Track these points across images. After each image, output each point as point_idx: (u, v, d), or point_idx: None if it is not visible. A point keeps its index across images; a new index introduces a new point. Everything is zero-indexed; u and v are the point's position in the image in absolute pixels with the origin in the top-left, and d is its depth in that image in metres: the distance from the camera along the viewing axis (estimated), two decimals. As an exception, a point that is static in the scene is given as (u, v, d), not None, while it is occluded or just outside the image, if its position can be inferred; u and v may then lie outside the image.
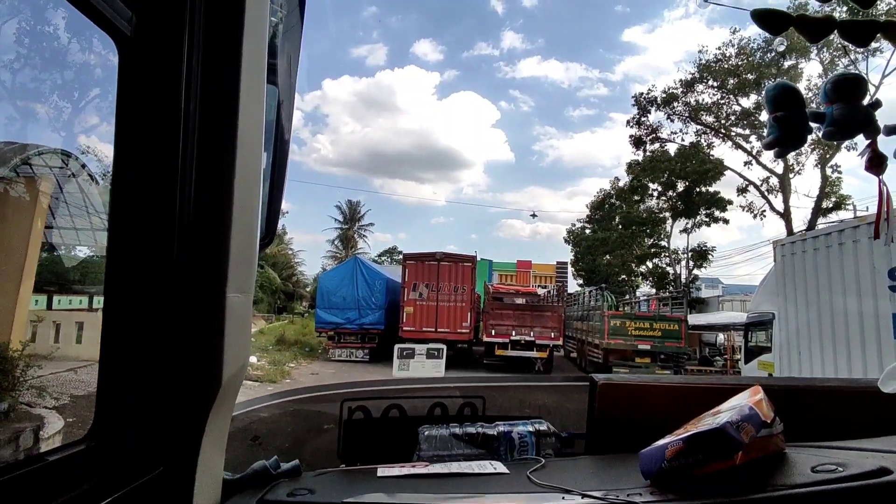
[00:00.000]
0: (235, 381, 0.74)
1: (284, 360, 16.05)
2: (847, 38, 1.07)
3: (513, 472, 0.94)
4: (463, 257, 17.36)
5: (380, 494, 0.82)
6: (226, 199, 0.69)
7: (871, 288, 6.81)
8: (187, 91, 0.67)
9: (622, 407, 1.12)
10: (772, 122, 1.11)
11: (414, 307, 16.39)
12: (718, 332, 21.28)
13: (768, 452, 0.83)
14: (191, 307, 0.67)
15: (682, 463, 0.78)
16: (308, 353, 18.75)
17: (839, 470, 0.75)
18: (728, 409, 0.85)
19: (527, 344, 15.86)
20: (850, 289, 7.26)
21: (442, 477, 0.91)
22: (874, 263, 6.77)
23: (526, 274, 39.07)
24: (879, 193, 1.12)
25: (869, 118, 1.10)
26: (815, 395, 1.16)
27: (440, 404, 1.19)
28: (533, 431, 1.09)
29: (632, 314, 17.50)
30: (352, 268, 18.11)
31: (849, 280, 7.30)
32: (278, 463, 0.89)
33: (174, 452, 0.68)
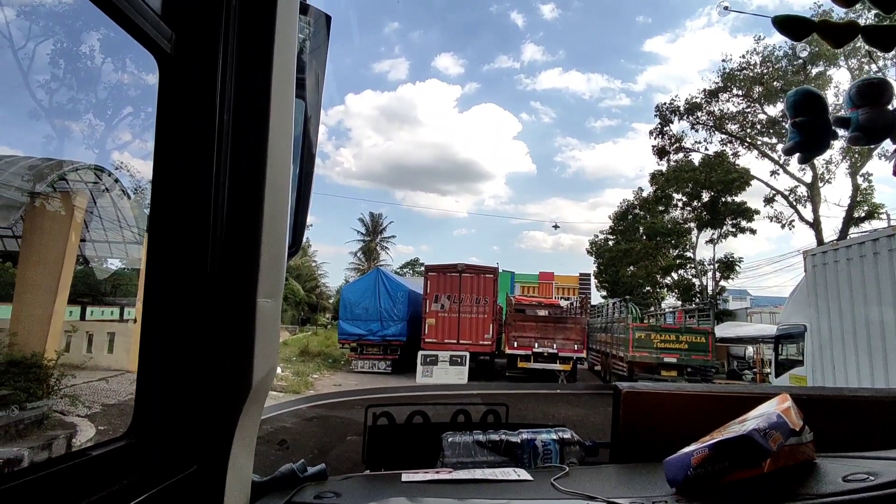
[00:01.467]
0: (265, 385, 0.77)
1: (308, 371, 16.19)
2: (871, 44, 1.06)
3: (536, 479, 0.94)
4: (485, 269, 17.32)
5: (404, 499, 0.83)
6: (256, 208, 0.72)
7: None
8: (221, 106, 0.71)
9: (647, 415, 1.11)
10: (792, 128, 1.10)
11: (436, 318, 16.38)
12: (747, 344, 20.72)
13: (798, 461, 0.82)
14: (223, 312, 0.70)
15: (708, 470, 0.77)
16: (331, 365, 18.87)
17: (871, 479, 0.73)
18: (755, 416, 0.84)
19: (550, 356, 15.68)
20: (885, 299, 7.02)
21: (466, 483, 0.92)
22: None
23: (548, 286, 38.74)
24: (909, 199, 1.10)
25: (895, 123, 1.08)
26: (845, 404, 1.13)
27: (463, 411, 1.20)
28: (557, 439, 1.09)
29: (657, 326, 17.18)
30: (374, 279, 18.24)
31: (884, 290, 7.05)
32: (305, 467, 0.91)
33: (206, 452, 0.70)
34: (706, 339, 15.33)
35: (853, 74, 20.74)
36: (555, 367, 15.60)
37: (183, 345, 0.69)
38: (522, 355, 15.82)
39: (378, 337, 17.21)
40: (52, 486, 0.52)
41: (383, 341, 17.21)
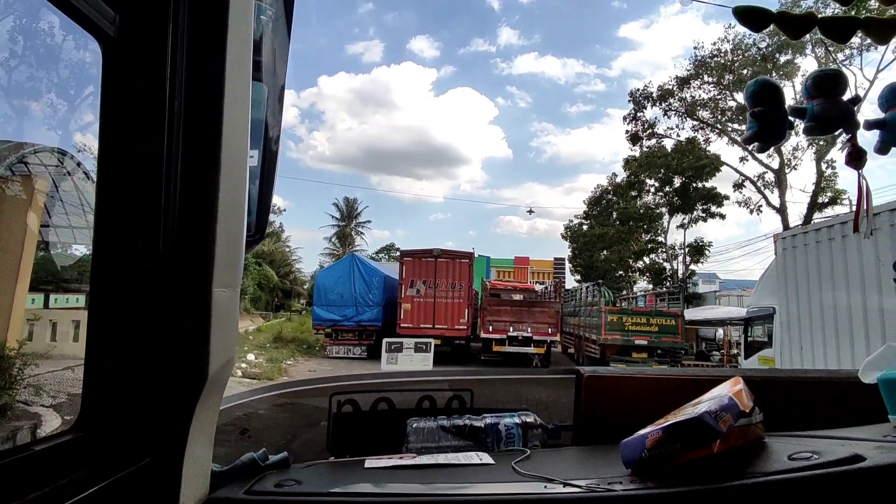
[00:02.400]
0: (222, 375, 0.76)
1: (282, 357, 16.09)
2: (827, 35, 1.08)
3: (498, 462, 0.96)
4: (460, 254, 17.39)
5: (366, 485, 0.84)
6: (211, 195, 0.70)
7: (875, 280, 6.67)
8: (171, 90, 0.68)
9: (607, 399, 1.13)
10: (751, 118, 1.13)
11: (411, 304, 16.42)
12: (715, 326, 21.34)
13: (747, 441, 0.85)
14: (176, 302, 0.69)
15: (661, 452, 0.80)
16: (305, 351, 18.78)
17: (815, 457, 0.77)
18: (708, 399, 0.87)
19: (524, 340, 15.90)
20: (853, 282, 7.07)
21: (428, 468, 0.93)
22: (879, 255, 6.60)
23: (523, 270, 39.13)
24: (859, 187, 1.14)
25: (849, 113, 1.11)
26: (795, 385, 1.18)
27: (428, 397, 1.21)
28: (520, 423, 1.11)
29: (629, 310, 17.58)
30: (349, 265, 18.14)
31: (852, 273, 7.11)
32: (267, 455, 0.90)
33: (161, 444, 0.69)
34: (676, 322, 15.74)
35: (820, 63, 21.26)
36: (529, 350, 15.83)
37: (133, 335, 0.67)
38: (497, 339, 16.01)
39: (353, 322, 17.17)
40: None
41: (358, 327, 17.18)
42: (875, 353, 1.03)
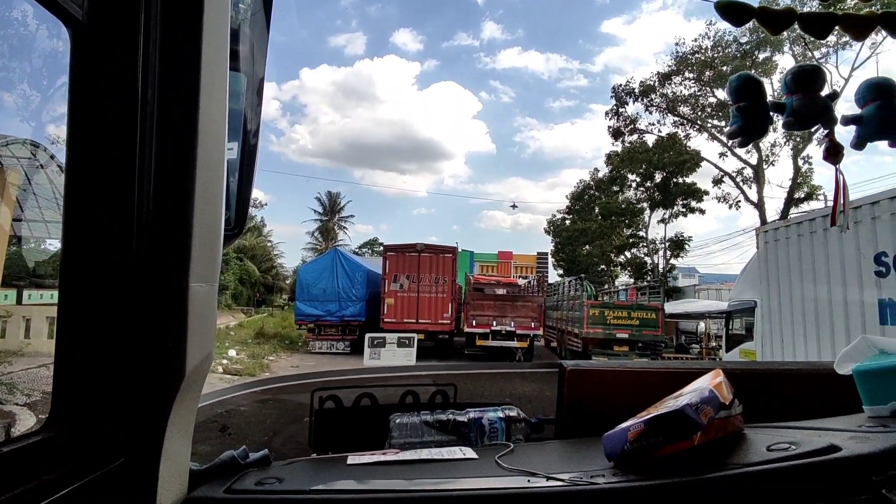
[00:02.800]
0: (200, 372, 0.74)
1: (264, 353, 15.94)
2: (806, 31, 1.09)
3: (482, 457, 0.96)
4: (444, 248, 17.39)
5: (349, 481, 0.83)
6: (187, 187, 0.68)
7: (856, 273, 6.67)
8: (144, 77, 0.66)
9: (590, 392, 1.14)
10: (735, 113, 1.13)
11: (395, 298, 16.39)
12: (695, 320, 21.69)
13: (727, 433, 0.86)
14: (151, 297, 0.67)
15: (643, 444, 0.80)
16: (288, 346, 18.64)
17: (792, 448, 0.78)
18: (689, 392, 0.88)
19: (507, 334, 16.00)
20: (834, 275, 7.08)
21: (411, 463, 0.92)
22: (860, 248, 6.62)
23: (507, 265, 39.27)
24: (836, 182, 1.16)
25: (827, 109, 1.13)
26: (773, 377, 1.20)
27: (412, 392, 1.20)
28: (503, 417, 1.11)
29: (611, 303, 17.75)
30: (332, 259, 18.01)
31: (833, 266, 7.11)
32: (247, 453, 0.89)
33: (136, 443, 0.67)
34: (656, 316, 15.96)
35: (797, 60, 21.65)
36: (512, 344, 15.93)
37: (105, 331, 0.65)
38: (481, 333, 16.08)
39: (336, 317, 17.07)
40: None
41: (342, 322, 17.09)
42: (850, 346, 1.05)
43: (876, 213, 6.44)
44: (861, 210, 6.60)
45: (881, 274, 6.29)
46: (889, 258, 6.18)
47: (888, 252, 6.20)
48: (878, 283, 6.29)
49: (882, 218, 6.35)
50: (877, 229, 6.41)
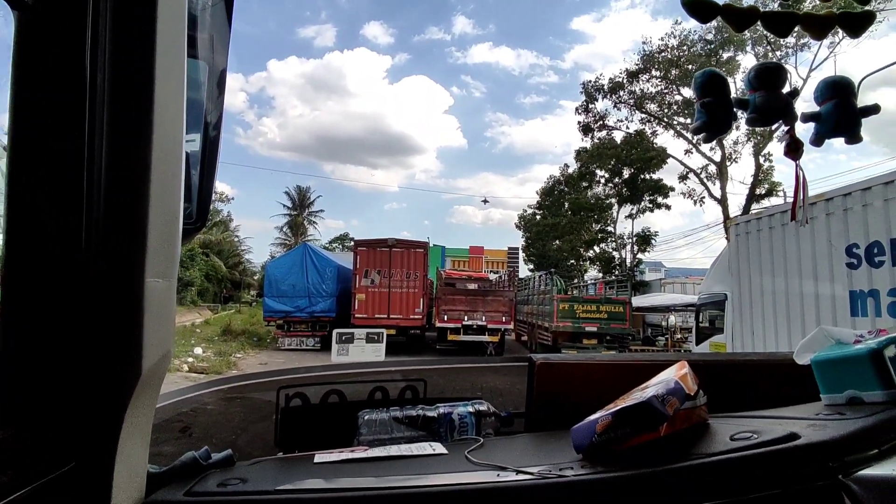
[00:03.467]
0: (158, 371, 0.71)
1: (231, 350, 15.62)
2: (768, 29, 1.12)
3: (451, 452, 0.95)
4: (415, 243, 17.34)
5: (316, 480, 0.81)
6: (141, 179, 0.65)
7: (827, 266, 6.59)
8: (94, 61, 0.62)
9: (559, 385, 1.15)
10: (699, 108, 1.15)
11: (366, 294, 16.28)
12: (662, 313, 22.23)
13: (692, 423, 0.87)
14: (103, 294, 0.63)
15: (611, 436, 0.81)
16: (256, 343, 18.31)
17: (754, 437, 0.79)
18: (655, 383, 0.89)
19: (479, 328, 16.10)
20: (806, 267, 7.00)
21: (380, 460, 0.91)
22: (831, 240, 6.52)
23: (478, 259, 39.52)
24: (796, 177, 1.19)
25: (788, 106, 1.16)
26: (736, 368, 1.23)
27: (381, 388, 1.18)
28: (473, 412, 1.10)
29: (580, 297, 18.07)
30: (301, 255, 17.74)
31: (805, 258, 7.03)
32: (209, 453, 0.86)
33: (89, 446, 0.64)
34: (624, 309, 16.32)
35: (759, 60, 22.33)
36: (484, 338, 16.04)
37: (53, 329, 0.61)
38: (452, 328, 16.13)
39: (306, 313, 16.84)
40: None
41: (311, 318, 16.87)
42: (808, 337, 1.08)
43: (848, 205, 6.37)
44: (833, 202, 6.54)
45: (852, 266, 6.25)
46: (860, 250, 6.15)
47: (859, 244, 6.16)
48: (850, 275, 6.26)
49: (854, 209, 6.28)
50: (848, 221, 6.35)
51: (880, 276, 5.87)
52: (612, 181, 30.57)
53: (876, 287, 5.91)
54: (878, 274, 5.90)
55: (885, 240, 5.86)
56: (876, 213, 5.98)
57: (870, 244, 6.02)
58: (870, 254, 6.03)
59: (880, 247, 5.91)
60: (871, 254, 6.01)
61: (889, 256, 5.78)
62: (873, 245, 5.99)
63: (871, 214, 6.05)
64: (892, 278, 5.72)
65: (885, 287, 5.80)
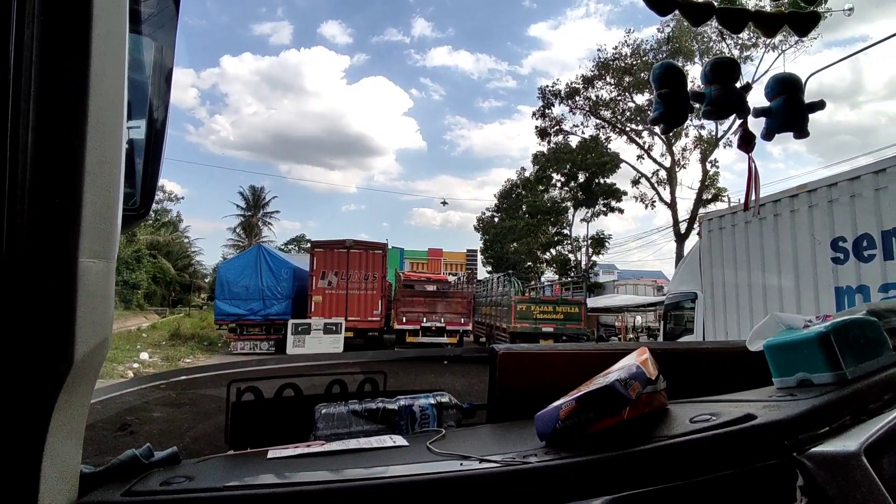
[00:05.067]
0: (93, 360, 0.65)
1: (180, 355, 15.01)
2: (723, 24, 1.15)
3: (413, 444, 0.92)
4: (373, 245, 17.19)
5: (268, 476, 0.76)
6: (75, 153, 0.59)
7: (810, 261, 6.17)
8: (19, 33, 0.56)
9: (521, 375, 1.14)
10: (657, 100, 1.17)
11: (323, 296, 15.99)
12: (614, 313, 22.89)
13: (653, 408, 0.88)
14: (30, 273, 0.57)
15: (574, 422, 0.80)
16: (207, 348, 17.66)
17: (713, 419, 0.80)
18: (618, 369, 0.89)
19: (437, 330, 16.11)
20: (785, 263, 6.56)
21: (338, 454, 0.87)
22: (815, 234, 6.12)
23: (437, 261, 39.55)
24: (749, 169, 1.23)
25: (741, 100, 1.19)
26: (693, 356, 1.25)
27: (339, 381, 1.14)
28: (434, 404, 1.08)
29: (537, 299, 18.40)
30: (255, 256, 17.21)
31: (785, 253, 6.58)
32: (151, 451, 0.80)
33: (11, 444, 0.58)
34: (579, 310, 16.71)
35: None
36: (442, 340, 16.07)
37: None
38: (411, 330, 16.09)
39: (260, 316, 16.35)
40: None
41: (266, 321, 16.38)
42: (760, 324, 1.11)
43: (834, 196, 5.94)
44: (817, 193, 6.15)
45: (839, 261, 5.81)
46: (847, 244, 5.71)
47: (847, 237, 5.72)
48: (835, 271, 5.83)
49: (840, 201, 5.84)
50: (834, 213, 5.90)
51: (870, 271, 5.47)
52: (568, 185, 31.27)
53: (865, 283, 5.51)
54: (868, 268, 5.49)
55: (875, 232, 5.42)
56: (865, 204, 5.54)
57: (858, 237, 5.60)
58: (858, 247, 5.61)
59: (870, 240, 5.48)
60: (860, 247, 5.59)
61: (880, 250, 5.36)
62: (862, 238, 5.57)
63: (860, 205, 5.61)
64: (884, 273, 5.32)
65: (875, 282, 5.41)
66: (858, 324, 0.97)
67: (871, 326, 0.98)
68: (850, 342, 0.92)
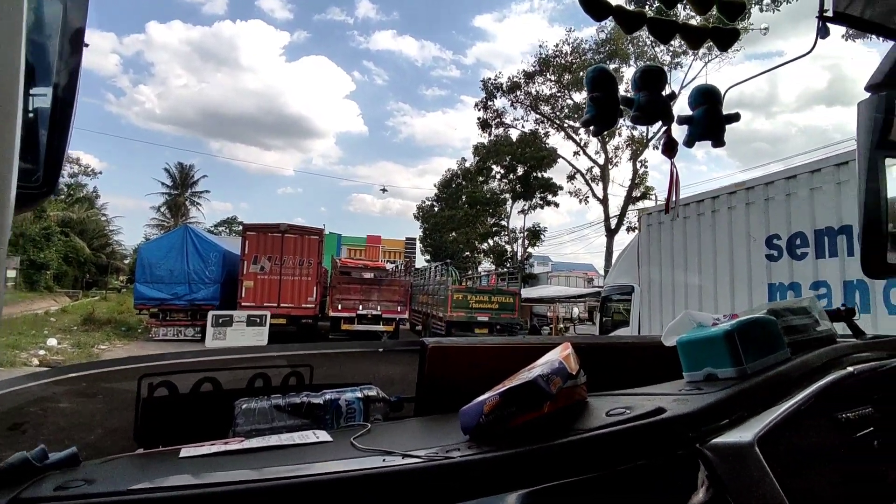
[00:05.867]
0: None
1: (93, 341, 14.02)
2: (652, 33, 1.19)
3: (337, 439, 0.91)
4: (309, 230, 16.77)
5: (179, 476, 0.72)
6: None
7: (745, 257, 6.25)
8: None
9: (450, 368, 1.14)
10: (589, 102, 1.21)
11: (254, 281, 15.44)
12: (547, 304, 23.64)
13: (573, 401, 0.91)
14: None
15: (497, 416, 0.81)
16: (125, 334, 16.62)
17: (627, 412, 0.84)
18: (541, 364, 0.91)
19: (373, 318, 16.01)
20: (722, 258, 6.64)
21: (256, 451, 0.84)
22: (750, 232, 6.19)
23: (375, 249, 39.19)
24: (671, 174, 1.29)
25: (667, 107, 1.25)
26: (614, 350, 1.31)
27: (262, 375, 1.10)
28: (361, 397, 1.06)
29: (473, 288, 18.66)
30: (181, 238, 16.31)
31: (721, 249, 6.65)
32: (45, 452, 0.73)
33: None
34: (513, 300, 17.13)
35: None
36: (378, 328, 15.99)
37: None
38: (346, 317, 15.89)
39: (185, 301, 15.55)
40: None
41: (192, 306, 15.60)
42: (674, 320, 1.18)
43: (770, 195, 6.01)
44: (754, 191, 6.22)
45: (772, 258, 5.91)
46: (782, 241, 5.82)
47: (781, 235, 5.82)
48: (769, 268, 5.94)
49: (776, 199, 5.93)
50: (770, 211, 6.00)
51: (802, 269, 5.59)
52: (507, 177, 31.88)
53: (797, 280, 5.63)
54: (800, 266, 5.61)
55: (809, 231, 5.52)
56: (800, 203, 5.64)
57: (792, 235, 5.73)
58: (792, 245, 5.72)
59: (804, 238, 5.59)
60: (794, 245, 5.70)
61: (813, 248, 5.46)
62: (796, 236, 5.69)
63: (795, 204, 5.71)
64: (816, 271, 5.44)
65: (807, 280, 5.51)
66: (759, 322, 1.04)
67: (770, 325, 1.06)
68: (751, 339, 0.99)
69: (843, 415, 0.89)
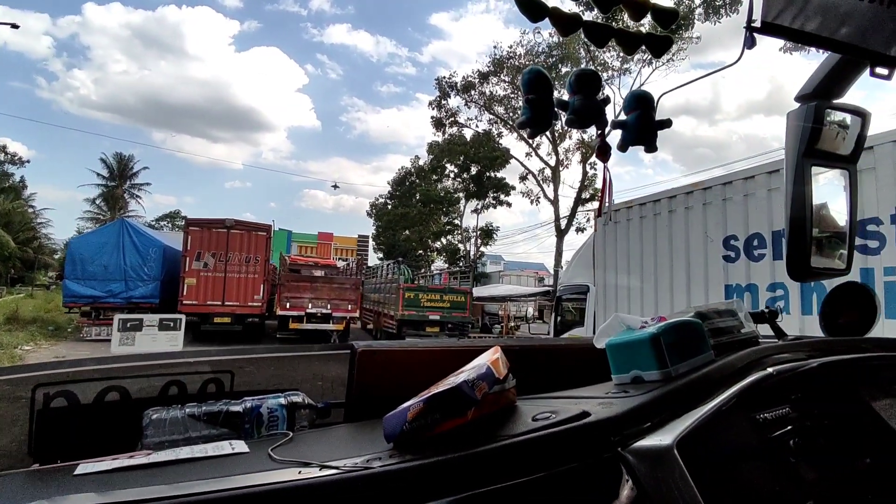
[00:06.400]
0: None
1: (16, 341, 13.06)
2: (588, 37, 1.20)
3: (254, 450, 0.86)
4: (257, 225, 16.27)
5: (74, 496, 0.66)
6: None
7: (702, 258, 6.23)
8: None
9: (380, 373, 1.11)
10: (525, 104, 1.20)
11: (197, 278, 14.81)
12: (499, 302, 23.95)
13: (500, 406, 0.90)
14: None
15: (421, 423, 0.79)
16: (53, 333, 15.59)
17: (552, 416, 0.84)
18: (469, 368, 0.90)
19: (323, 317, 15.70)
20: (678, 259, 6.60)
21: (162, 465, 0.78)
22: (707, 232, 6.18)
23: (327, 246, 38.54)
24: (604, 178, 1.31)
25: (601, 111, 1.26)
26: (546, 352, 1.32)
27: (177, 382, 1.03)
28: (285, 404, 1.01)
29: (425, 287, 18.66)
30: (117, 232, 15.42)
31: (678, 249, 6.61)
32: None
33: None
34: (465, 299, 17.23)
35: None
36: (328, 327, 15.69)
37: None
38: (295, 316, 15.51)
39: (121, 299, 14.71)
40: None
41: (129, 304, 14.77)
42: (605, 323, 1.19)
43: (727, 195, 5.98)
44: (712, 191, 6.20)
45: (729, 259, 5.89)
46: (739, 242, 5.78)
47: (738, 236, 5.79)
48: (726, 268, 5.91)
49: (734, 200, 5.89)
50: (727, 212, 5.97)
51: (759, 270, 5.55)
52: (461, 176, 32.07)
53: (754, 281, 5.58)
54: (757, 268, 5.57)
55: (766, 232, 5.47)
56: (758, 204, 5.57)
57: (749, 236, 5.67)
58: (749, 246, 5.67)
59: (761, 239, 5.54)
60: (751, 246, 5.65)
61: (770, 249, 5.41)
62: (753, 237, 5.63)
63: (753, 205, 5.64)
64: (773, 272, 5.39)
65: (764, 281, 5.47)
66: (685, 325, 1.07)
67: (696, 327, 1.08)
68: (677, 342, 1.01)
69: (761, 415, 0.91)
